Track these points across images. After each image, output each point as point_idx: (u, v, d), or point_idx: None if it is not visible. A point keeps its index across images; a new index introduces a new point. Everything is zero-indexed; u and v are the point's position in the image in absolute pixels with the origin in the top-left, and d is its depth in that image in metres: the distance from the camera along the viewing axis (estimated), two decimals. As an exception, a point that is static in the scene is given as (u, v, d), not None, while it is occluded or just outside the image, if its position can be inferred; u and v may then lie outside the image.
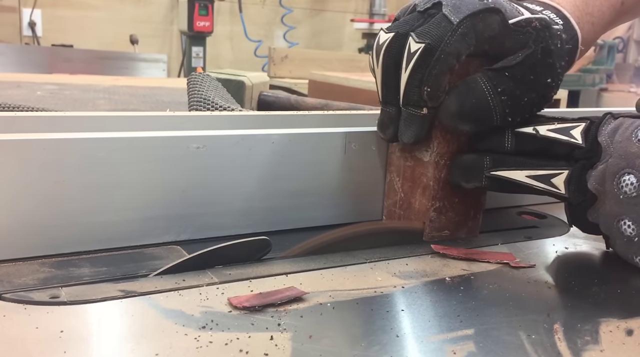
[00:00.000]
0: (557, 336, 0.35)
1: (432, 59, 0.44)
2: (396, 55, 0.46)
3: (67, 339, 0.32)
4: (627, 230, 0.43)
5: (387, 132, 0.50)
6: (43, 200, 0.42)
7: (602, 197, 0.44)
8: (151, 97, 1.21)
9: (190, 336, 0.33)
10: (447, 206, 0.51)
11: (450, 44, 0.44)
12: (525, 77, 0.47)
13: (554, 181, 0.46)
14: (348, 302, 0.38)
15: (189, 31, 2.96)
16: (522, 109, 0.47)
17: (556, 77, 0.48)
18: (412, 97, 0.46)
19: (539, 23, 0.47)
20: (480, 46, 0.46)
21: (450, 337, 0.34)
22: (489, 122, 0.47)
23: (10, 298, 0.36)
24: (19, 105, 0.73)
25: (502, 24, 0.46)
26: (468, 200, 0.52)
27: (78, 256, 0.43)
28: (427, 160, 0.50)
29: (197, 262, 0.42)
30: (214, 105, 0.69)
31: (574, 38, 0.52)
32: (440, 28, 0.44)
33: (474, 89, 0.46)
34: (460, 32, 0.44)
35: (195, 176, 0.47)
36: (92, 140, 0.43)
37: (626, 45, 4.27)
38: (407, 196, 0.52)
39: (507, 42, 0.47)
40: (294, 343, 0.33)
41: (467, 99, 0.46)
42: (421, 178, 0.50)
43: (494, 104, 0.46)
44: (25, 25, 3.02)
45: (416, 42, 0.45)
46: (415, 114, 0.47)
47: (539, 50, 0.47)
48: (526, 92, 0.47)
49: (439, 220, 0.51)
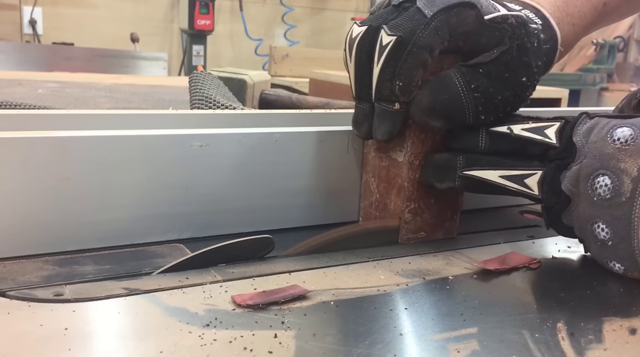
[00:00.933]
0: (561, 334, 0.35)
1: (404, 52, 0.43)
2: (369, 49, 0.45)
3: (72, 336, 0.32)
4: (601, 233, 0.42)
5: (362, 129, 0.49)
6: (46, 198, 0.42)
7: (576, 199, 0.43)
8: (152, 96, 1.21)
9: (194, 333, 0.33)
10: (423, 207, 0.50)
11: (422, 38, 0.43)
12: (500, 75, 0.46)
13: (527, 181, 0.45)
14: (351, 301, 0.38)
15: (190, 29, 2.96)
16: (495, 108, 0.46)
17: (532, 77, 0.47)
18: (384, 92, 0.45)
19: (515, 20, 0.46)
20: (454, 42, 0.45)
21: (454, 336, 0.34)
22: (462, 120, 0.46)
23: (15, 295, 0.36)
24: (20, 103, 0.73)
25: (477, 19, 0.45)
26: (445, 201, 0.51)
27: (81, 253, 0.44)
28: (402, 161, 0.49)
29: (200, 260, 0.42)
30: (216, 103, 0.69)
31: (553, 38, 0.51)
32: (413, 21, 0.44)
33: (447, 84, 0.45)
34: (434, 26, 0.43)
35: (198, 174, 0.47)
36: (96, 138, 0.43)
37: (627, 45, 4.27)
38: (383, 197, 0.51)
39: (483, 39, 0.46)
40: (297, 341, 0.33)
41: (440, 94, 0.45)
42: (396, 179, 0.49)
43: (467, 101, 0.45)
44: (26, 23, 3.02)
45: (388, 35, 0.44)
46: (388, 109, 0.46)
47: (515, 47, 0.46)
48: (500, 91, 0.46)
49: (415, 221, 0.50)
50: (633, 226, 0.40)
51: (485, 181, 0.46)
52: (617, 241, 0.41)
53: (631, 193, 0.40)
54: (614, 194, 0.41)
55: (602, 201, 0.41)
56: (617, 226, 0.41)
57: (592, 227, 0.43)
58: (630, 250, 0.41)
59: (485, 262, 0.45)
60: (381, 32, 0.44)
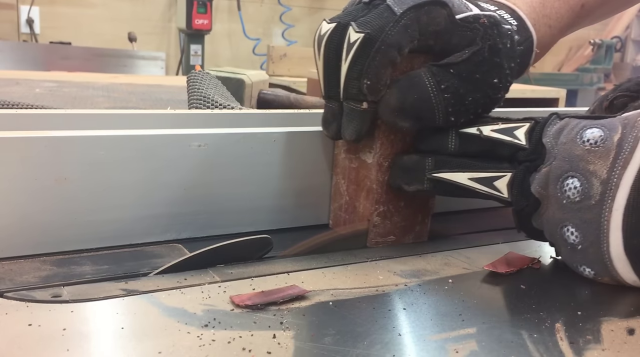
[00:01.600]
0: (559, 335, 0.35)
1: (372, 50, 0.42)
2: (337, 46, 0.44)
3: (70, 337, 0.31)
4: (571, 237, 0.41)
5: (330, 129, 0.48)
6: (44, 198, 0.42)
7: (546, 202, 0.42)
8: (150, 95, 1.20)
9: (192, 334, 0.33)
10: (392, 210, 0.49)
11: (391, 35, 0.42)
12: (471, 76, 0.45)
13: (497, 183, 0.44)
14: (350, 301, 0.38)
15: (188, 29, 2.96)
16: (466, 109, 0.45)
17: (504, 78, 0.46)
18: (352, 91, 0.44)
19: (488, 20, 0.45)
20: (425, 41, 0.44)
21: (452, 336, 0.34)
22: (431, 121, 0.45)
23: (12, 296, 0.36)
24: (18, 102, 0.73)
25: (448, 18, 0.44)
26: (415, 204, 0.50)
27: (79, 253, 0.43)
28: (371, 162, 0.48)
29: (198, 260, 0.42)
30: (214, 103, 0.69)
31: (529, 40, 0.50)
32: (382, 18, 0.43)
33: (417, 84, 0.44)
34: (403, 24, 0.43)
35: (196, 174, 0.47)
36: (94, 138, 0.43)
37: (624, 45, 4.28)
38: (352, 199, 0.50)
39: (454, 38, 0.45)
40: (296, 341, 0.33)
41: (409, 94, 0.44)
42: (365, 181, 0.48)
43: (437, 102, 0.44)
44: (23, 23, 3.01)
45: (356, 32, 0.43)
46: (356, 108, 0.45)
47: (486, 48, 0.45)
48: (471, 92, 0.45)
49: (384, 225, 0.49)
50: (603, 230, 0.40)
51: (454, 183, 0.45)
52: (587, 245, 0.41)
53: (600, 196, 0.39)
54: (583, 196, 0.40)
55: (572, 204, 0.40)
56: (587, 230, 0.40)
57: (562, 230, 0.42)
58: (600, 254, 0.40)
59: (494, 266, 0.44)
60: (349, 29, 0.43)
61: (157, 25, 3.37)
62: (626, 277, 0.40)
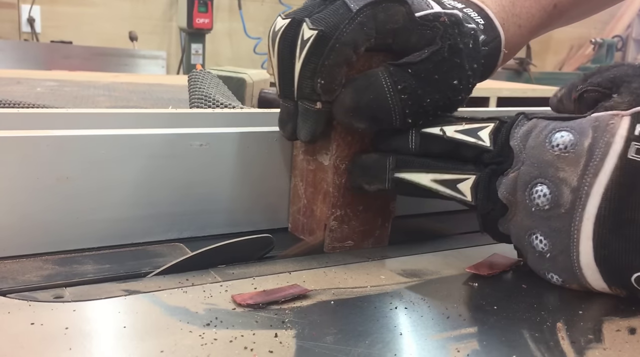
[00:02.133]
0: (560, 334, 0.35)
1: (326, 48, 0.41)
2: (291, 44, 0.43)
3: (72, 335, 0.32)
4: (539, 245, 0.40)
5: (286, 129, 0.46)
6: (46, 197, 0.42)
7: (513, 208, 0.41)
8: (151, 94, 1.20)
9: (194, 333, 0.33)
10: (350, 214, 0.47)
11: (346, 33, 0.41)
12: (430, 76, 0.43)
13: (460, 186, 0.42)
14: (351, 300, 0.38)
15: (188, 28, 2.96)
16: (425, 111, 0.44)
17: (465, 80, 0.45)
18: (305, 90, 0.43)
19: (448, 19, 0.44)
20: (382, 39, 0.43)
21: (454, 336, 0.34)
22: (387, 122, 0.43)
23: (14, 297, 0.36)
24: (19, 101, 0.73)
25: (407, 16, 0.42)
26: (374, 208, 0.48)
27: (81, 253, 0.44)
28: (327, 165, 0.46)
29: (200, 259, 0.42)
30: (215, 102, 0.69)
31: (496, 40, 0.48)
32: (338, 15, 0.41)
33: (373, 84, 0.42)
34: (359, 21, 0.41)
35: (198, 174, 0.47)
36: (95, 137, 0.43)
37: (625, 44, 4.27)
38: (310, 202, 0.48)
39: (413, 37, 0.43)
40: (298, 341, 0.33)
41: (364, 94, 0.42)
42: (322, 183, 0.47)
43: (393, 103, 0.42)
44: (24, 22, 3.01)
45: (310, 28, 0.41)
46: (310, 108, 0.43)
47: (446, 47, 0.43)
48: (430, 93, 0.43)
49: (341, 229, 0.47)
50: (573, 239, 0.38)
51: (417, 184, 0.43)
52: (556, 253, 0.39)
53: (571, 204, 0.38)
54: (552, 204, 0.38)
55: (541, 212, 0.39)
56: (556, 238, 0.39)
57: (530, 237, 0.40)
58: (570, 263, 0.39)
59: (477, 268, 0.44)
60: (303, 25, 0.42)
61: (158, 24, 3.37)
62: (595, 285, 0.39)
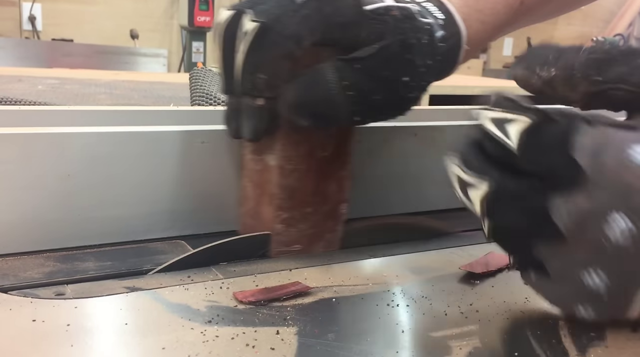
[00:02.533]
0: (563, 332, 0.35)
1: (267, 41, 0.39)
2: (233, 36, 0.40)
3: (74, 332, 0.32)
4: (594, 281, 0.31)
5: (230, 127, 0.44)
6: (48, 194, 0.42)
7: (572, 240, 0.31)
8: (152, 92, 1.20)
9: (196, 330, 0.33)
10: (297, 217, 0.45)
11: (289, 26, 0.39)
12: (378, 73, 0.41)
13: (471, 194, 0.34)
14: (353, 297, 0.38)
15: (190, 26, 2.96)
16: (373, 108, 0.42)
17: (417, 77, 0.42)
18: (247, 85, 0.41)
19: (400, 12, 0.42)
20: (329, 33, 0.40)
21: (456, 333, 0.34)
22: (333, 120, 0.41)
23: (16, 293, 0.36)
24: (20, 99, 0.73)
25: (355, 9, 0.40)
26: (324, 210, 0.46)
27: (83, 250, 0.44)
28: (273, 165, 0.44)
29: (201, 256, 0.42)
30: (217, 100, 0.69)
31: (456, 36, 0.46)
32: (281, 7, 0.39)
33: (317, 80, 0.40)
34: (304, 14, 0.39)
35: (199, 171, 0.47)
36: (97, 134, 0.43)
37: (626, 43, 4.27)
38: (257, 204, 0.46)
39: (363, 32, 0.41)
40: (300, 338, 0.33)
41: (309, 90, 0.40)
42: (268, 185, 0.45)
43: (339, 100, 0.40)
44: (25, 19, 3.02)
45: (251, 20, 0.39)
46: (252, 105, 0.42)
47: (397, 43, 0.41)
48: (378, 90, 0.41)
49: (288, 233, 0.45)
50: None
51: None
52: (614, 294, 0.32)
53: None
54: (631, 241, 0.30)
55: (615, 249, 0.30)
56: (621, 280, 0.31)
57: (582, 271, 0.31)
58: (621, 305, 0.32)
59: (471, 266, 0.43)
60: (244, 17, 0.40)
61: (159, 22, 3.37)
62: None
